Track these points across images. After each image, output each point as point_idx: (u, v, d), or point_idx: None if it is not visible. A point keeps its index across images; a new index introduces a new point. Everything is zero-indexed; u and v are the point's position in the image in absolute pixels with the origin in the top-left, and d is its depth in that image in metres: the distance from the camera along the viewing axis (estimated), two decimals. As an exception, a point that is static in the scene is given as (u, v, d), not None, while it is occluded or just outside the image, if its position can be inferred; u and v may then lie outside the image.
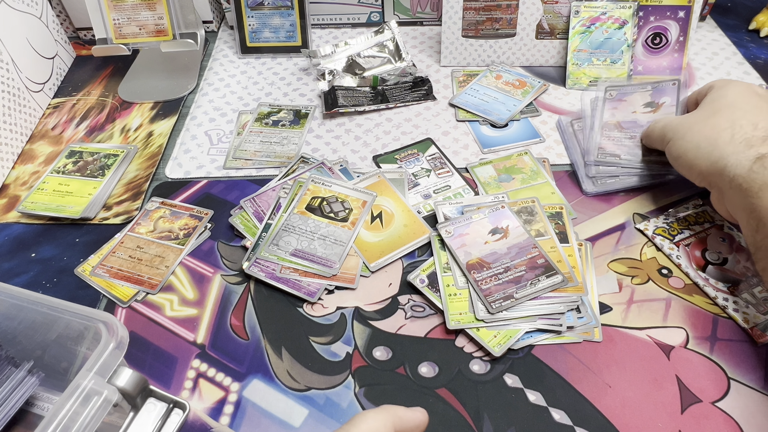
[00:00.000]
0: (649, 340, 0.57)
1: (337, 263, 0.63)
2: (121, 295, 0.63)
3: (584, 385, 0.54)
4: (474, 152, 0.77)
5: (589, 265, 0.63)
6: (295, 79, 0.92)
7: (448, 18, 0.87)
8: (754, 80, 0.87)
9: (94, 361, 0.45)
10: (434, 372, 0.55)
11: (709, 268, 0.62)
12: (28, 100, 0.84)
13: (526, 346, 0.56)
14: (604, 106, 0.75)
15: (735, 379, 0.53)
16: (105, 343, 0.46)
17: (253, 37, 0.95)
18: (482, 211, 0.65)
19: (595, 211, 0.69)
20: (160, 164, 0.78)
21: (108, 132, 0.84)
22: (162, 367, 0.57)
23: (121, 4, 0.88)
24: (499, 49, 0.90)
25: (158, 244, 0.67)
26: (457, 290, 0.59)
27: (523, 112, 0.82)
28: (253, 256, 0.64)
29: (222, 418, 0.53)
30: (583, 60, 0.86)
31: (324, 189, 0.70)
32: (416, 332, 0.58)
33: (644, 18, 0.84)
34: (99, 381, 0.45)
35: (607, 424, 0.51)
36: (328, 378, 0.55)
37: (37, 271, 0.66)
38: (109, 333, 0.47)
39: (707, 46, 0.94)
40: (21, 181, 0.77)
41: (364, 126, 0.82)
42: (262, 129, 0.82)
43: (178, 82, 0.91)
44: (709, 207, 0.67)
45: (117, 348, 0.47)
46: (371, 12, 1.00)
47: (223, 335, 0.59)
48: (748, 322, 0.57)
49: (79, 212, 0.71)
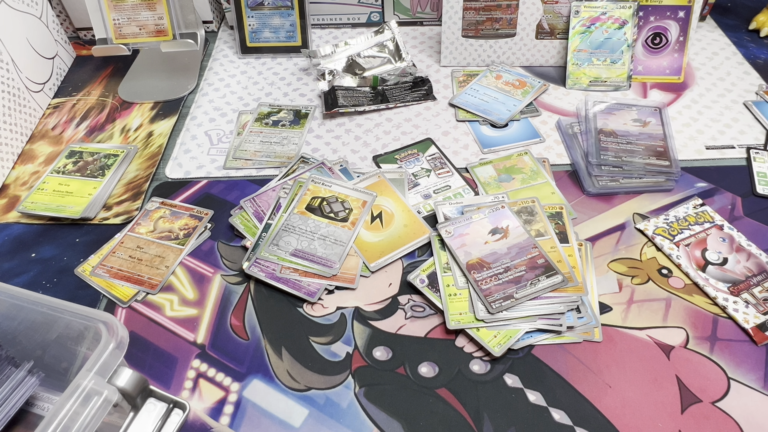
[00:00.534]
0: (649, 340, 0.57)
1: (337, 263, 0.63)
2: (121, 295, 0.63)
3: (584, 385, 0.54)
4: (474, 152, 0.77)
5: (589, 265, 0.63)
6: (295, 79, 0.92)
7: (448, 18, 0.87)
8: (754, 80, 0.87)
9: (94, 361, 0.45)
10: (434, 372, 0.55)
11: (709, 268, 0.62)
12: (28, 100, 0.84)
13: (526, 346, 0.56)
14: (595, 118, 0.76)
15: (735, 379, 0.53)
16: (105, 343, 0.47)
17: (253, 37, 0.95)
18: (482, 211, 0.65)
19: (595, 211, 0.69)
20: (160, 164, 0.78)
21: (108, 132, 0.84)
22: (162, 367, 0.57)
23: (121, 4, 0.88)
24: (499, 49, 0.90)
25: (158, 244, 0.67)
26: (457, 290, 0.59)
27: (523, 112, 0.82)
28: (253, 256, 0.64)
29: (222, 418, 0.53)
30: (583, 60, 0.86)
31: (324, 189, 0.70)
32: (416, 332, 0.58)
33: (644, 18, 0.84)
34: (99, 381, 0.45)
35: (607, 424, 0.51)
36: (328, 378, 0.55)
37: (37, 271, 0.66)
38: (109, 333, 0.47)
39: (707, 46, 0.94)
40: (21, 181, 0.77)
41: (364, 126, 0.82)
42: (262, 129, 0.82)
43: (178, 82, 0.91)
44: (709, 207, 0.68)
45: (117, 348, 0.47)
46: (371, 12, 1.00)
47: (223, 335, 0.59)
48: (748, 322, 0.57)
49: (79, 212, 0.71)
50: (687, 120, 0.81)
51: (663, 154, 0.72)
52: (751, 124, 0.80)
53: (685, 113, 0.82)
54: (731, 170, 0.73)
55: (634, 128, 0.75)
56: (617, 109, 0.78)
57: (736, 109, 0.82)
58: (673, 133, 0.78)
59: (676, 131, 0.79)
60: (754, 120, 0.80)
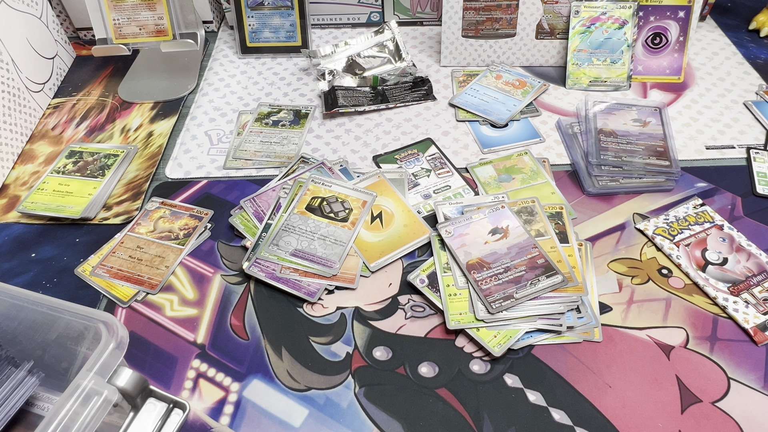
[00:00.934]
0: (649, 340, 0.57)
1: (337, 263, 0.63)
2: (121, 295, 0.63)
3: (584, 385, 0.54)
4: (474, 152, 0.77)
5: (589, 265, 0.63)
6: (295, 79, 0.92)
7: (448, 18, 0.87)
8: (754, 80, 0.87)
9: (94, 361, 0.45)
10: (434, 372, 0.55)
11: (709, 268, 0.62)
12: (28, 100, 0.84)
13: (526, 346, 0.56)
14: (595, 118, 0.76)
15: (735, 379, 0.53)
16: (105, 343, 0.47)
17: (253, 37, 0.95)
18: (482, 211, 0.65)
19: (595, 211, 0.69)
20: (160, 164, 0.78)
21: (108, 132, 0.84)
22: (162, 367, 0.57)
23: (121, 4, 0.88)
24: (499, 49, 0.90)
25: (158, 244, 0.67)
26: (457, 290, 0.59)
27: (523, 112, 0.82)
28: (253, 256, 0.64)
29: (222, 418, 0.53)
30: (583, 60, 0.86)
31: (324, 189, 0.70)
32: (416, 332, 0.58)
33: (644, 18, 0.84)
34: (99, 381, 0.45)
35: (607, 424, 0.51)
36: (328, 378, 0.55)
37: (37, 271, 0.66)
38: (109, 333, 0.47)
39: (707, 46, 0.94)
40: (21, 181, 0.77)
41: (364, 126, 0.82)
42: (262, 129, 0.82)
43: (178, 82, 0.91)
44: (709, 207, 0.68)
45: (117, 348, 0.47)
46: (371, 12, 1.00)
47: (223, 335, 0.59)
48: (748, 322, 0.57)
49: (79, 212, 0.71)
50: (687, 120, 0.81)
51: (663, 154, 0.72)
52: (751, 124, 0.80)
53: (685, 113, 0.82)
54: (731, 170, 0.73)
55: (634, 128, 0.75)
56: (617, 109, 0.78)
57: (736, 109, 0.82)
58: (673, 133, 0.78)
59: (676, 131, 0.79)
60: (754, 120, 0.80)
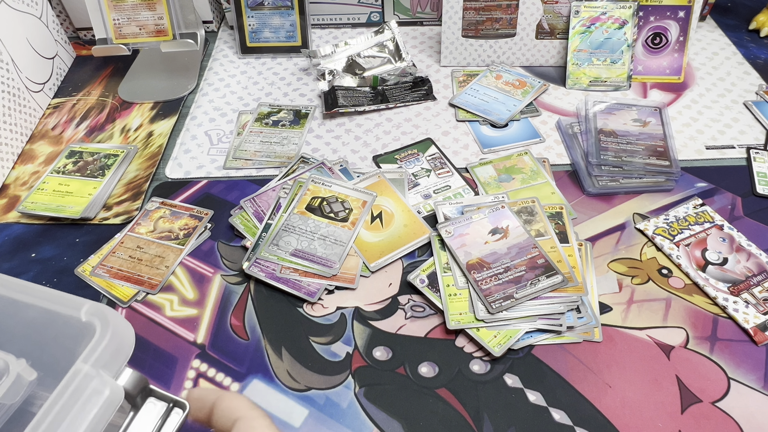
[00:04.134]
0: (649, 340, 0.57)
1: (337, 263, 0.63)
2: (121, 295, 0.63)
3: (584, 385, 0.54)
4: (474, 152, 0.77)
5: (589, 265, 0.63)
6: (295, 79, 0.92)
7: (448, 18, 0.87)
8: (754, 80, 0.87)
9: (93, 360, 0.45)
10: (434, 372, 0.55)
11: (709, 268, 0.62)
12: (28, 100, 0.84)
13: (526, 346, 0.56)
14: (595, 118, 0.76)
15: (735, 379, 0.53)
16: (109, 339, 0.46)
17: (253, 37, 0.95)
18: (482, 211, 0.65)
19: (595, 211, 0.69)
20: (160, 164, 0.78)
21: (108, 132, 0.84)
22: (162, 367, 0.57)
23: (121, 4, 0.88)
24: (499, 49, 0.90)
25: (158, 244, 0.67)
26: (457, 290, 0.59)
27: (523, 112, 0.82)
28: (253, 256, 0.64)
29: (222, 418, 0.53)
30: (583, 60, 0.86)
31: (324, 189, 0.70)
32: (416, 332, 0.58)
33: (644, 18, 0.84)
34: (105, 377, 0.45)
35: (607, 424, 0.51)
36: (328, 378, 0.55)
37: (37, 271, 0.66)
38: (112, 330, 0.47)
39: (707, 46, 0.94)
40: (21, 181, 0.77)
41: (364, 126, 0.82)
42: (262, 129, 0.82)
43: (178, 82, 0.91)
44: (709, 207, 0.68)
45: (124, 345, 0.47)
46: (371, 12, 1.00)
47: (223, 335, 0.59)
48: (748, 322, 0.57)
49: (79, 212, 0.71)
50: (687, 120, 0.81)
51: (663, 154, 0.72)
52: (751, 124, 0.80)
53: (685, 113, 0.82)
54: (731, 170, 0.73)
55: (634, 128, 0.75)
56: (617, 109, 0.78)
57: (736, 109, 0.82)
58: (673, 133, 0.78)
59: (676, 131, 0.79)
60: (754, 120, 0.80)
